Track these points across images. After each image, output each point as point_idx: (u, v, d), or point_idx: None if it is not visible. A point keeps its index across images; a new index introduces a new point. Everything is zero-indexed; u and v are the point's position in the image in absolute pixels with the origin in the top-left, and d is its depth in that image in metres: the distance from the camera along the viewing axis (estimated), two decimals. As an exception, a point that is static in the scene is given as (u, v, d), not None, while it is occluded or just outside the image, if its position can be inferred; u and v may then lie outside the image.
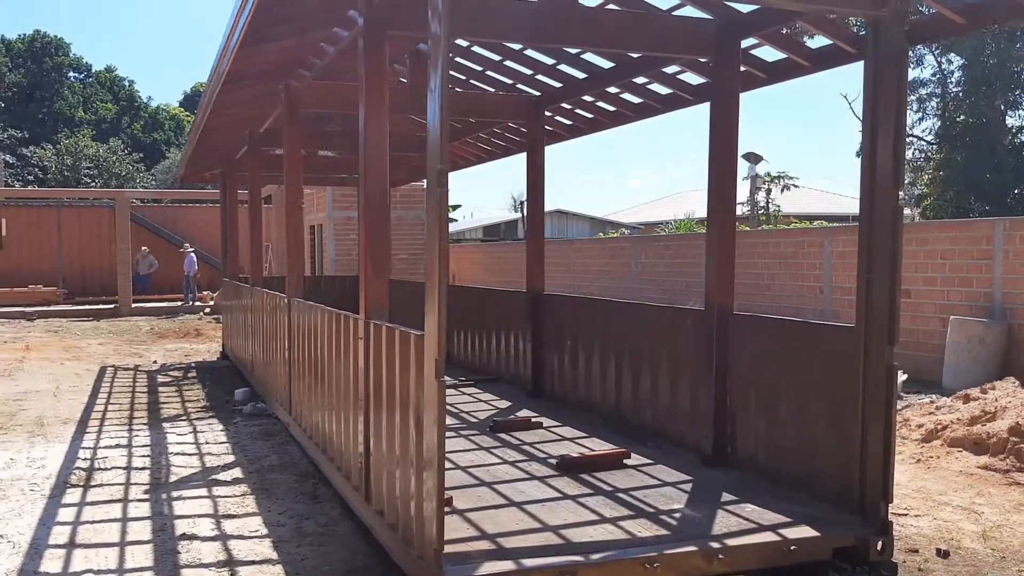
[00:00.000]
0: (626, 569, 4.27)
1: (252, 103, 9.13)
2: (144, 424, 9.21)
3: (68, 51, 52.56)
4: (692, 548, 4.43)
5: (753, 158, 24.19)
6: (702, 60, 6.45)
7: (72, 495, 6.44)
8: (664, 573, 4.27)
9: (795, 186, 40.01)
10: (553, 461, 6.15)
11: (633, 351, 7.24)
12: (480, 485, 5.61)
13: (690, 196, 50.21)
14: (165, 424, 9.20)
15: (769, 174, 38.20)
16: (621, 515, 4.98)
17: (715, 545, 4.47)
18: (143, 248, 29.72)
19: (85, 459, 7.54)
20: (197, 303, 26.39)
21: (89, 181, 41.40)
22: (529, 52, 8.12)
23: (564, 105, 8.98)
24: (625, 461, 6.14)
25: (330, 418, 6.29)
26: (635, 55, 7.05)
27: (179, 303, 26.73)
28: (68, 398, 11.00)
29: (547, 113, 9.15)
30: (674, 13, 6.26)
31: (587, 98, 8.70)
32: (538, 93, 8.86)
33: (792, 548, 4.55)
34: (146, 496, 6.42)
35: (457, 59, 9.12)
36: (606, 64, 7.60)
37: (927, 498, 6.10)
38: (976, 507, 5.88)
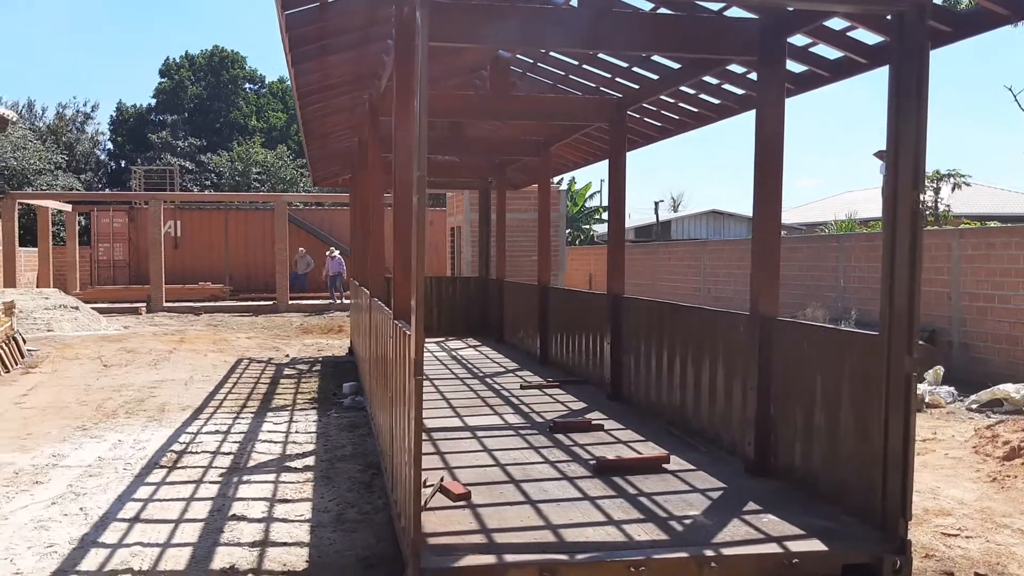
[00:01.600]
0: (610, 571, 4.28)
1: (349, 112, 9.63)
2: (251, 413, 9.88)
3: (244, 64, 56.43)
4: (683, 554, 4.38)
5: (884, 156, 22.77)
6: (750, 59, 6.29)
7: (156, 475, 7.05)
8: (649, 577, 4.25)
9: (966, 184, 37.39)
10: (594, 463, 6.18)
11: (695, 356, 7.14)
12: (508, 482, 5.71)
13: (855, 196, 48.00)
14: (269, 414, 9.84)
15: (938, 172, 35.94)
16: (631, 518, 4.96)
17: (709, 553, 4.39)
18: (300, 249, 31.53)
19: (183, 443, 8.22)
20: (347, 300, 27.71)
21: (258, 186, 44.29)
22: (603, 55, 8.17)
23: (646, 106, 8.94)
24: (664, 466, 6.08)
25: (381, 411, 6.59)
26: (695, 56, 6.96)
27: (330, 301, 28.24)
28: (197, 387, 11.92)
29: (631, 113, 9.12)
30: (717, 12, 6.16)
31: (668, 99, 8.63)
32: (619, 95, 8.87)
33: (795, 561, 4.40)
34: (219, 479, 6.94)
35: (539, 64, 9.29)
36: (675, 64, 7.54)
37: (988, 519, 5.69)
38: (1038, 532, 5.45)
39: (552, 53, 8.68)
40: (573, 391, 9.48)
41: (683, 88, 8.10)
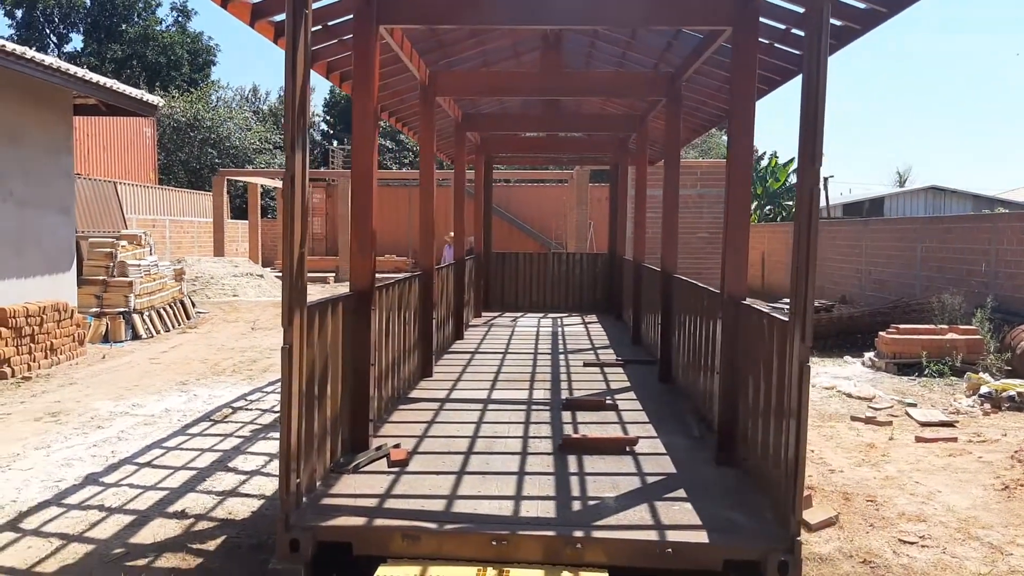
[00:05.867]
0: (471, 542, 4.33)
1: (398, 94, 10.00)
2: (336, 377, 10.52)
3: (448, 46, 58.52)
4: (550, 533, 4.36)
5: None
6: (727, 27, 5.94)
7: (200, 427, 7.76)
8: (510, 551, 4.27)
9: None
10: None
11: (705, 338, 6.90)
12: (460, 453, 5.83)
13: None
14: (350, 379, 10.43)
15: None
16: (541, 495, 4.95)
17: (578, 534, 4.34)
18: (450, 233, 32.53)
19: (248, 400, 8.95)
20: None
21: (448, 164, 45.99)
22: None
23: (701, 78, 8.60)
24: (631, 448, 5.97)
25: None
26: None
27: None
28: (312, 352, 12.78)
29: (691, 85, 8.81)
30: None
31: (721, 72, 8.28)
32: (672, 69, 8.59)
33: (668, 551, 4.27)
34: (249, 434, 7.54)
35: (598, 42, 9.19)
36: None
37: (964, 528, 5.13)
38: (1009, 547, 4.84)
39: (599, 29, 8.55)
40: (632, 371, 9.33)
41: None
